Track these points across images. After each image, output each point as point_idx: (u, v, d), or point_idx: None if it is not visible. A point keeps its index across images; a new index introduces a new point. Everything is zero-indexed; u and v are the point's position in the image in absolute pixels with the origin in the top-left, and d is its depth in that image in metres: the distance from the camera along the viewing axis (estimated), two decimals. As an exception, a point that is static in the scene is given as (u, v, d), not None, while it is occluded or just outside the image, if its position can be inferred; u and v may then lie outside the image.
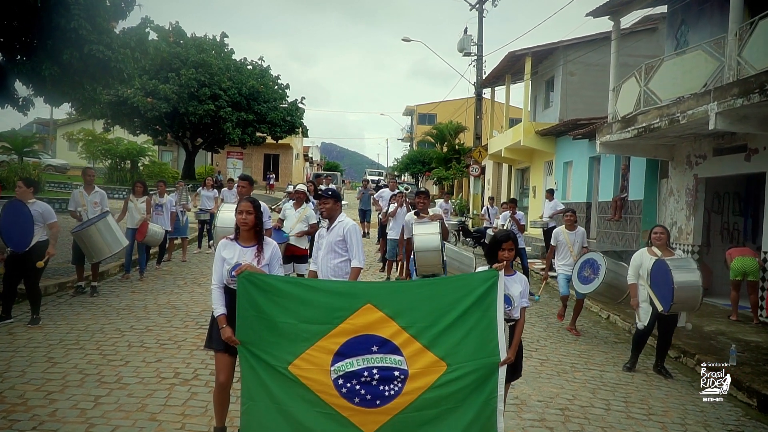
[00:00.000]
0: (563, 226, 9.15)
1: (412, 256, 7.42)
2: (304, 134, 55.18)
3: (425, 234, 6.61)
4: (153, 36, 29.98)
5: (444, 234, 7.05)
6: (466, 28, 24.52)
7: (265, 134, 34.38)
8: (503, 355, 4.00)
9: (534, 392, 5.99)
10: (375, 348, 3.89)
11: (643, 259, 7.10)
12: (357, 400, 3.83)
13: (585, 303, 10.74)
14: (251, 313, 3.89)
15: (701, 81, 9.71)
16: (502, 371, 4.01)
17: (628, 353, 7.75)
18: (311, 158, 68.46)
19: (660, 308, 6.76)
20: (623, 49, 17.21)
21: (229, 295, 4.04)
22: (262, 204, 7.17)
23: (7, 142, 25.72)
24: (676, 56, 10.73)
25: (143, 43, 11.61)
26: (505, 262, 4.16)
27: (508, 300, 4.19)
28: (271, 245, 4.28)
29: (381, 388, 3.86)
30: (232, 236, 4.26)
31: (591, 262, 8.59)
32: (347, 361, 3.86)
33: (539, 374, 6.61)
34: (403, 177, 44.99)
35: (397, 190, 13.24)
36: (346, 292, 4.01)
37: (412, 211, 7.86)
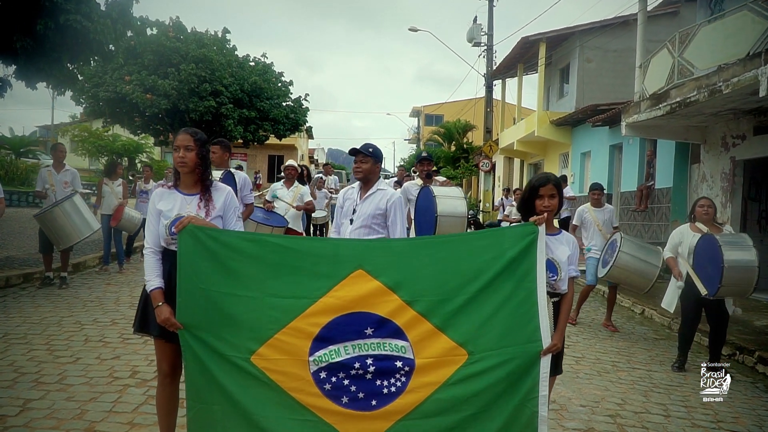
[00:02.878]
0: (588, 203, 8.10)
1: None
2: (309, 135, 54.22)
3: (449, 197, 5.40)
4: (152, 30, 29.31)
5: None
6: (476, 17, 23.54)
7: (267, 132, 33.42)
8: (547, 340, 2.93)
9: (574, 395, 4.90)
10: (369, 330, 2.85)
11: (684, 235, 6.11)
12: (345, 400, 2.80)
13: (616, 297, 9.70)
14: (197, 284, 2.84)
15: (747, 45, 8.61)
16: (546, 363, 2.94)
17: (672, 351, 6.72)
18: (316, 160, 67.64)
19: (704, 292, 5.70)
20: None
21: (170, 260, 3.00)
22: (242, 175, 6.15)
23: (6, 143, 25.06)
24: (716, 20, 9.62)
25: (126, 15, 10.59)
26: (545, 215, 3.07)
27: (552, 266, 3.12)
28: (224, 191, 3.21)
29: (378, 383, 2.83)
30: (170, 183, 3.20)
31: (612, 244, 7.56)
32: (332, 348, 2.82)
33: (576, 374, 5.52)
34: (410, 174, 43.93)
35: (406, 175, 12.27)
36: (329, 253, 2.93)
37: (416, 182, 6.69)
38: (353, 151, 4.19)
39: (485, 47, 23.32)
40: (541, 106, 19.99)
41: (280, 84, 34.11)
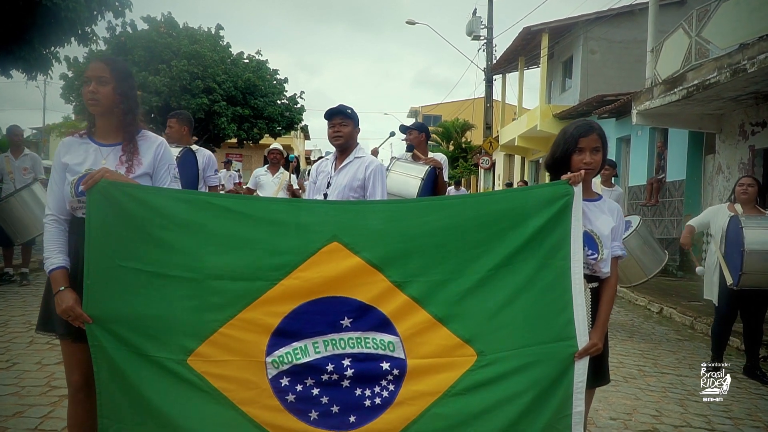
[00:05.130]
0: (599, 179, 7.29)
1: None
2: (306, 135, 53.41)
3: (403, 174, 4.55)
4: (143, 26, 28.61)
5: (440, 188, 4.96)
6: (475, 9, 22.85)
7: (262, 130, 32.69)
8: (583, 339, 2.22)
9: (601, 406, 4.16)
10: (347, 320, 2.15)
11: (719, 215, 5.37)
12: (314, 415, 2.11)
13: (630, 296, 9.04)
14: (112, 260, 2.11)
15: (773, 20, 7.93)
16: (581, 368, 2.23)
17: (700, 352, 6.06)
18: (313, 161, 66.78)
19: (729, 281, 5.03)
20: (647, 25, 15.66)
21: (78, 232, 2.26)
22: (205, 152, 5.39)
23: (-7, 141, 24.34)
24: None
25: (102, -7, 9.88)
26: (583, 172, 2.32)
27: (591, 241, 2.39)
28: (154, 142, 2.45)
29: (358, 392, 2.14)
30: (82, 131, 2.44)
31: (626, 224, 6.82)
32: (297, 345, 2.12)
33: (600, 380, 4.79)
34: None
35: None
36: (293, 220, 2.19)
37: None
38: (330, 113, 3.54)
39: (485, 40, 22.64)
40: (544, 99, 19.30)
41: (275, 82, 33.45)
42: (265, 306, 2.10)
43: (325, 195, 3.55)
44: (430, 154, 5.02)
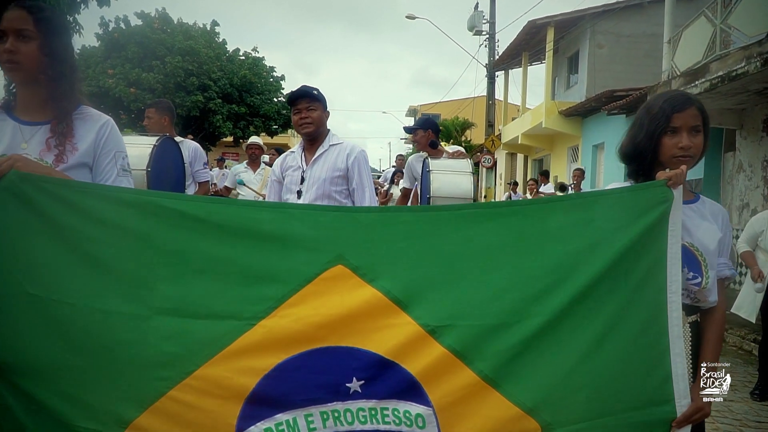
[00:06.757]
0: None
1: None
2: (303, 135, 53.04)
3: (449, 171, 3.89)
4: (137, 22, 28.10)
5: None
6: (477, 4, 22.21)
7: (258, 129, 32.14)
8: (684, 401, 1.61)
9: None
10: (356, 384, 1.51)
11: (766, 224, 4.82)
12: None
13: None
14: (20, 286, 1.48)
15: (809, 5, 7.35)
16: None
17: (738, 370, 5.51)
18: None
19: None
20: (657, 18, 15.13)
21: None
22: (191, 144, 4.74)
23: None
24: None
25: (83, -21, 9.25)
26: (684, 168, 1.68)
27: (691, 259, 1.74)
28: (97, 122, 1.82)
29: None
30: None
31: None
32: (282, 417, 1.49)
33: (639, 408, 4.19)
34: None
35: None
36: (280, 231, 1.54)
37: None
38: (293, 97, 2.98)
39: (487, 36, 22.03)
40: (549, 95, 18.72)
41: (271, 79, 32.89)
42: (236, 359, 1.48)
43: (299, 193, 2.96)
44: (446, 148, 4.42)
